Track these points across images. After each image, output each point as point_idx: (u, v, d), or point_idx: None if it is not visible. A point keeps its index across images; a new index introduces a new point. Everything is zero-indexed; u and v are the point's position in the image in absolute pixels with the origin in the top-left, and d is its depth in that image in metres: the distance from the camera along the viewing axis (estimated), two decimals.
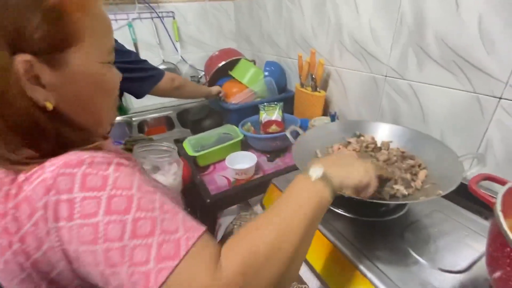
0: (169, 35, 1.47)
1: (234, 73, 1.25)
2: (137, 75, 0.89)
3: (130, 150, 0.95)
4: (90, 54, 0.30)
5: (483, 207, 0.59)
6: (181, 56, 1.53)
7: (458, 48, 0.63)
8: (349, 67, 0.94)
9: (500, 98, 0.58)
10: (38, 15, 0.26)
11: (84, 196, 0.26)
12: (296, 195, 0.33)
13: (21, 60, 0.26)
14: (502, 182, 0.40)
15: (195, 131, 1.16)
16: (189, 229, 0.28)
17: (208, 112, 1.16)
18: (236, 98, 1.16)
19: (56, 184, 0.26)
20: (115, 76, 0.36)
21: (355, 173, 0.37)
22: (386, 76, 0.82)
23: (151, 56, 1.47)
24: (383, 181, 0.51)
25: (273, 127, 0.97)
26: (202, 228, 0.29)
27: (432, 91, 0.71)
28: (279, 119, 1.00)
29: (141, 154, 0.66)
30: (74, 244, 0.26)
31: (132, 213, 0.26)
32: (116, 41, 0.34)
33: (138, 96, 0.94)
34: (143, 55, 1.44)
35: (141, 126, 1.40)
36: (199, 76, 1.57)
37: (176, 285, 0.25)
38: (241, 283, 0.26)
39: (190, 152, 0.89)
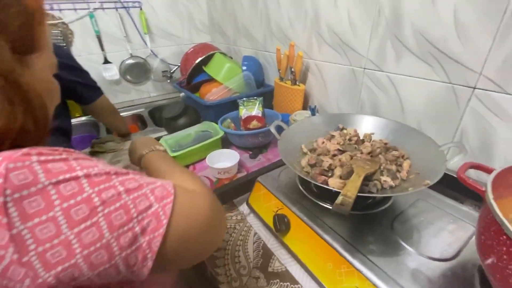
0: (136, 27, 1.37)
1: (208, 69, 1.20)
2: (84, 81, 0.84)
3: (97, 153, 0.87)
4: (46, 63, 0.33)
5: (460, 193, 0.61)
6: (151, 50, 1.43)
7: (434, 39, 0.64)
8: (328, 60, 0.93)
9: (474, 88, 0.60)
10: (21, 17, 0.29)
11: (57, 180, 0.23)
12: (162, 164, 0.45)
13: None
14: (488, 170, 0.40)
15: (170, 130, 1.09)
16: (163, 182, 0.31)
17: (183, 109, 1.10)
18: (212, 94, 1.11)
19: (9, 181, 0.21)
20: (59, 88, 0.38)
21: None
22: (364, 68, 0.82)
23: (118, 49, 1.35)
24: (369, 175, 0.51)
25: (254, 123, 0.94)
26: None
27: (410, 83, 0.72)
28: (260, 114, 0.97)
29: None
30: (65, 227, 0.23)
31: (115, 179, 0.27)
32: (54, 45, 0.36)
33: (86, 101, 0.87)
34: (108, 49, 1.33)
35: None
36: (171, 71, 1.48)
37: (181, 212, 0.29)
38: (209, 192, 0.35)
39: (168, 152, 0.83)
